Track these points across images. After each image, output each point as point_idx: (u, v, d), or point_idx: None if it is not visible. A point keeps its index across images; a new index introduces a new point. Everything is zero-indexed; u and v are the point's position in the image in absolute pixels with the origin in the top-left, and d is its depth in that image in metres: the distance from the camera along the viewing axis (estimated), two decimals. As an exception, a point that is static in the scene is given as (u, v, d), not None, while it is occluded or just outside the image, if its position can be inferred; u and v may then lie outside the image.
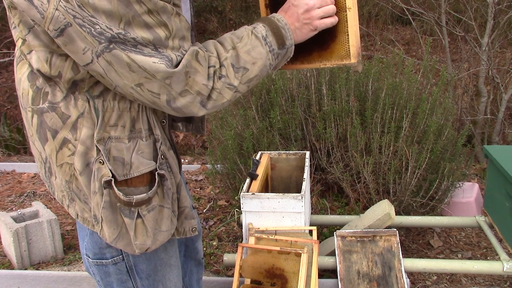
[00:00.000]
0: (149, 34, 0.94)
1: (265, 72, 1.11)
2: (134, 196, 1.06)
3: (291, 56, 1.18)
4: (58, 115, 1.04)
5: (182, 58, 0.99)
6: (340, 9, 1.19)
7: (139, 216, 1.08)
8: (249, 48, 1.07)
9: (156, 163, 1.10)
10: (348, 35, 1.20)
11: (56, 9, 0.90)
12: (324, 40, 1.24)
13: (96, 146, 1.03)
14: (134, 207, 1.07)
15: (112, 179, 1.04)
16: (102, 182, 1.04)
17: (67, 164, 1.07)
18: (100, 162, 1.04)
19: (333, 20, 1.16)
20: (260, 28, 1.10)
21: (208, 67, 1.03)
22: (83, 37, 0.91)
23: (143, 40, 0.94)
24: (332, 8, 1.16)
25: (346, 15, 1.19)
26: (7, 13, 1.02)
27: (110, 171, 1.04)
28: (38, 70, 1.03)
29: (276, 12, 1.19)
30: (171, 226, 1.16)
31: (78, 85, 1.02)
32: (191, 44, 1.03)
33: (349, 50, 1.21)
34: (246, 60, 1.07)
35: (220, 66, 1.05)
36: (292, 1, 1.15)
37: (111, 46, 0.92)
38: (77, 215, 1.15)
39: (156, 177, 1.09)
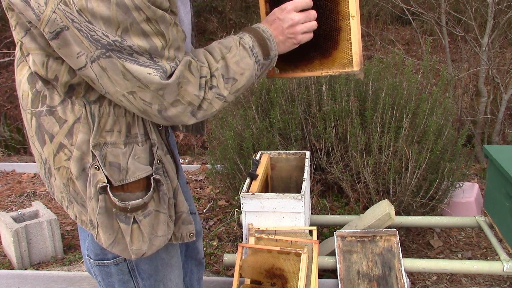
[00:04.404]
0: (146, 43, 0.94)
1: (251, 82, 1.13)
2: (130, 202, 1.06)
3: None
4: (56, 119, 1.04)
5: (175, 69, 0.99)
6: (343, 17, 1.20)
7: (135, 221, 1.08)
8: (238, 59, 1.09)
9: (152, 168, 1.10)
10: (351, 43, 1.21)
11: (54, 12, 0.89)
12: (325, 48, 1.24)
13: (92, 152, 1.03)
14: (129, 213, 1.06)
15: (108, 184, 1.04)
16: (98, 187, 1.04)
17: (64, 167, 1.07)
18: (95, 167, 1.04)
19: (311, 35, 1.20)
20: (247, 39, 1.12)
21: (200, 77, 1.03)
22: (79, 41, 0.91)
23: (139, 48, 0.93)
24: (314, 24, 1.19)
25: (349, 23, 1.19)
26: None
27: (106, 176, 1.04)
28: (36, 73, 1.03)
29: (275, 8, 1.20)
30: (168, 231, 1.15)
31: (75, 90, 1.02)
32: (184, 54, 1.04)
33: (352, 58, 1.21)
34: (235, 70, 1.08)
35: (211, 77, 1.05)
36: (277, 14, 1.17)
37: (107, 53, 0.92)
38: (76, 216, 1.16)
39: (152, 182, 1.09)
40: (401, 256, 2.01)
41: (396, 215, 2.23)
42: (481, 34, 4.51)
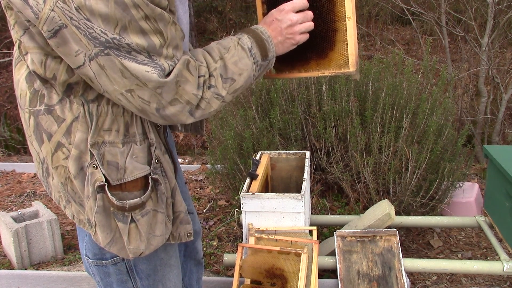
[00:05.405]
0: (144, 41, 0.94)
1: (249, 83, 1.13)
2: (128, 201, 1.06)
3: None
4: (54, 118, 1.04)
5: (174, 67, 0.99)
6: (339, 19, 1.21)
7: (132, 220, 1.08)
8: (236, 59, 1.09)
9: (150, 167, 1.10)
10: (347, 44, 1.22)
11: (52, 10, 0.89)
12: (322, 49, 1.25)
13: (90, 151, 1.03)
14: (127, 212, 1.07)
15: (106, 183, 1.04)
16: (96, 186, 1.04)
17: (62, 166, 1.07)
18: (93, 166, 1.04)
19: (308, 36, 1.21)
20: (246, 40, 1.12)
21: (198, 77, 1.03)
22: (78, 39, 0.91)
23: (138, 46, 0.93)
24: (311, 24, 1.20)
25: (346, 24, 1.20)
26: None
27: (104, 175, 1.04)
28: (34, 72, 1.03)
29: (271, 9, 1.20)
30: (166, 231, 1.15)
31: (73, 89, 1.02)
32: (183, 53, 1.04)
33: (348, 59, 1.23)
34: (233, 71, 1.08)
35: (210, 76, 1.06)
36: (275, 15, 1.17)
37: (105, 51, 0.92)
38: (73, 216, 1.16)
39: (150, 181, 1.09)
40: (401, 256, 2.01)
41: (396, 215, 2.23)
42: (481, 34, 4.51)
